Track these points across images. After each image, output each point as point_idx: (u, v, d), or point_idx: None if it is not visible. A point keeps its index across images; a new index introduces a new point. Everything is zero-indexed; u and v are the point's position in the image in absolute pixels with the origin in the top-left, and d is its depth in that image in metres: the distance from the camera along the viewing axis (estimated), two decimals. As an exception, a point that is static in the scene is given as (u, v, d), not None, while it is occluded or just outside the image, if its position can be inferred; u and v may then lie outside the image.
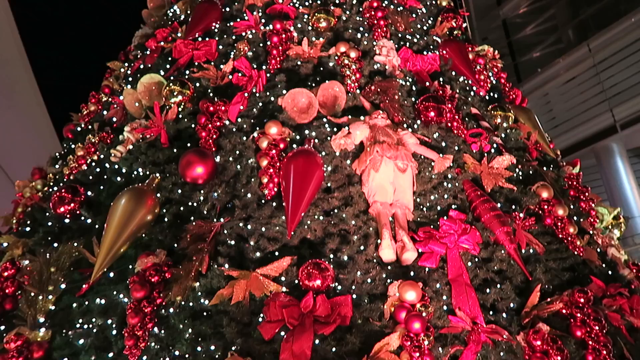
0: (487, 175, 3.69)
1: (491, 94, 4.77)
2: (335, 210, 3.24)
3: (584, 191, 4.36)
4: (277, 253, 3.02)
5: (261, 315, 2.73)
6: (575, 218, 3.98)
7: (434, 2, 5.44)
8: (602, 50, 14.81)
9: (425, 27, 4.95)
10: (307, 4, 4.60)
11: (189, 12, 4.89)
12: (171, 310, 2.85)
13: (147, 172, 3.55)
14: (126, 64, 5.12)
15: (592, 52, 15.06)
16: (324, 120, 3.69)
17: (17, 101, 12.27)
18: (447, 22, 4.99)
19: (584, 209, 4.25)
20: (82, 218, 3.57)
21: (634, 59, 14.16)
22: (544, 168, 4.29)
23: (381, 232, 3.11)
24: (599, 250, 3.90)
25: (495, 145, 3.99)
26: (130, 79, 4.71)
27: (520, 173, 3.96)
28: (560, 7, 17.11)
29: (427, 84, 4.22)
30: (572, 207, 4.08)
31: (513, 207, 3.62)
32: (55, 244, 3.36)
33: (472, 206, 3.46)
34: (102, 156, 3.98)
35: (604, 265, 3.76)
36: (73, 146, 4.48)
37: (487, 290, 3.06)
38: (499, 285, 3.11)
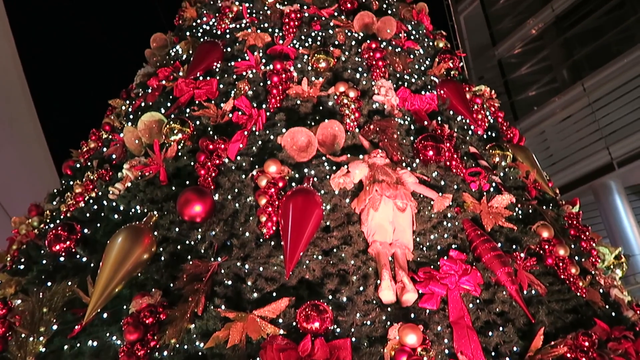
0: (487, 214, 3.67)
1: (489, 133, 4.81)
2: (334, 250, 3.21)
3: (584, 230, 4.33)
4: (274, 294, 2.96)
5: (258, 359, 2.65)
6: (576, 258, 3.94)
7: (431, 43, 5.56)
8: (597, 89, 15.08)
9: (422, 68, 5.04)
10: (307, 45, 4.70)
11: (190, 52, 4.98)
12: (165, 353, 2.77)
13: (145, 210, 3.53)
14: (127, 102, 5.18)
15: (587, 91, 15.33)
16: (323, 158, 3.70)
17: (18, 136, 12.34)
18: (445, 63, 5.08)
19: (585, 248, 4.22)
20: (78, 256, 3.52)
21: (628, 97, 14.41)
22: (544, 207, 4.28)
23: (381, 272, 3.07)
24: (601, 291, 3.85)
25: (494, 184, 3.99)
26: (131, 116, 4.76)
27: (519, 212, 3.94)
28: (554, 47, 17.53)
29: (426, 123, 4.26)
30: (572, 246, 4.05)
31: (514, 246, 3.58)
32: (49, 283, 3.30)
33: (473, 246, 3.42)
34: (100, 193, 3.96)
35: (607, 306, 3.70)
36: (71, 183, 4.47)
37: (490, 333, 2.99)
38: (501, 328, 3.04)
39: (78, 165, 4.79)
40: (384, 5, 5.64)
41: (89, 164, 4.60)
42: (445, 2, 22.21)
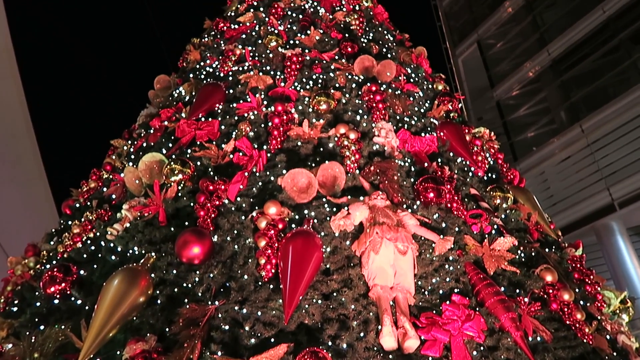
0: (489, 257, 3.62)
1: (489, 175, 4.81)
2: (335, 294, 3.15)
3: (588, 274, 4.27)
4: (273, 339, 2.88)
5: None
6: (581, 303, 3.86)
7: (430, 86, 5.65)
8: (595, 131, 15.22)
9: (422, 110, 5.09)
10: (308, 87, 4.77)
11: (193, 93, 5.05)
12: (158, 402, 2.67)
13: (143, 251, 3.49)
14: (129, 142, 5.21)
15: (585, 132, 15.46)
16: (324, 200, 3.69)
17: (20, 174, 12.40)
18: (444, 105, 5.15)
19: (590, 292, 4.14)
20: (73, 299, 3.46)
21: (627, 139, 14.51)
22: (546, 250, 4.23)
23: (382, 317, 3.00)
24: (608, 337, 3.75)
25: (495, 227, 3.95)
26: (132, 156, 4.78)
27: (522, 255, 3.89)
28: (551, 90, 17.81)
29: (426, 164, 4.26)
30: (577, 290, 3.97)
31: (517, 291, 3.51)
32: (42, 327, 3.22)
33: (475, 290, 3.36)
34: (98, 234, 3.93)
35: (614, 353, 3.60)
36: (70, 223, 4.44)
37: (495, 382, 2.90)
38: (507, 377, 2.94)
39: (77, 205, 4.78)
40: (384, 49, 5.77)
41: (88, 203, 4.59)
42: (444, 46, 22.77)
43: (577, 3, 17.11)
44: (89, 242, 3.94)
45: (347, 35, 5.58)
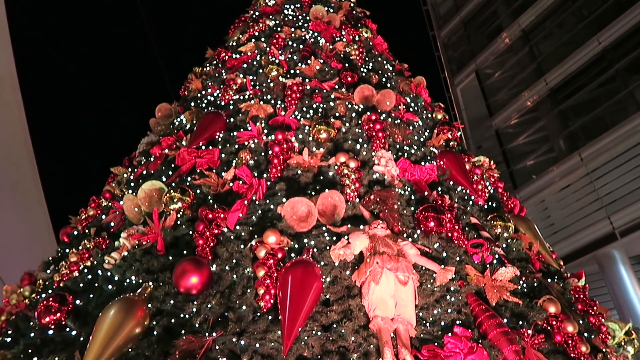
0: (491, 288, 3.57)
1: (490, 204, 4.80)
2: (334, 325, 3.09)
3: (592, 305, 4.19)
4: (271, 372, 2.82)
5: None
6: (585, 335, 3.79)
7: (429, 115, 5.69)
8: (594, 159, 15.29)
9: (422, 139, 5.11)
10: (308, 116, 4.80)
11: (194, 121, 5.08)
12: None
13: (140, 281, 3.44)
14: (129, 170, 5.22)
15: (584, 161, 15.53)
16: (324, 229, 3.66)
17: (19, 201, 12.39)
18: (443, 134, 5.17)
19: (594, 324, 4.07)
20: (67, 329, 3.39)
21: (626, 167, 14.56)
22: (549, 280, 4.18)
23: (383, 350, 2.93)
24: (614, 370, 3.67)
25: (497, 256, 3.91)
26: (132, 184, 4.77)
27: (524, 285, 3.84)
28: (550, 119, 17.97)
29: (426, 193, 4.26)
30: (581, 322, 3.91)
31: (520, 322, 3.45)
32: (36, 359, 3.15)
33: (478, 322, 3.30)
34: (95, 262, 3.89)
35: (621, 387, 3.51)
36: (67, 251, 4.40)
37: (499, 418, 2.81)
38: (511, 413, 2.86)
39: (76, 233, 4.74)
40: (384, 79, 5.84)
41: (86, 231, 4.56)
42: (442, 75, 23.11)
43: (573, 34, 17.45)
44: (85, 270, 3.89)
45: (347, 65, 5.65)
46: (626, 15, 15.65)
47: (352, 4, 7.46)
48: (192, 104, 5.55)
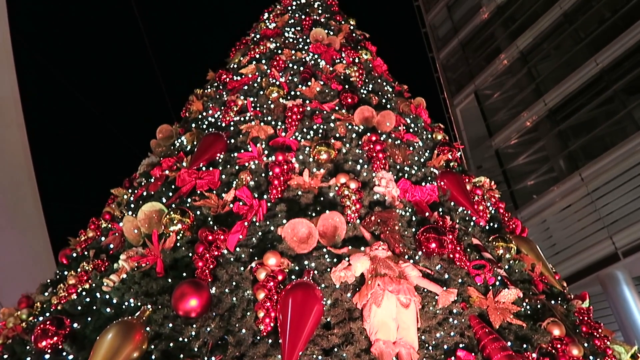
0: (494, 310, 3.52)
1: (491, 224, 4.77)
2: (335, 349, 3.04)
3: (597, 327, 4.14)
4: (271, 398, 2.76)
5: None
6: (591, 358, 3.72)
7: (429, 135, 5.71)
8: (594, 179, 15.27)
9: (422, 159, 5.12)
10: (308, 137, 4.81)
11: (195, 143, 5.10)
12: None
13: (139, 304, 3.40)
14: (130, 191, 5.21)
15: (585, 181, 15.51)
16: (324, 250, 3.63)
17: (19, 222, 12.35)
18: (444, 155, 5.18)
19: (599, 347, 4.00)
20: (64, 353, 3.33)
21: (627, 187, 14.53)
22: (552, 302, 4.13)
23: (385, 374, 2.88)
24: (621, 395, 3.59)
25: (499, 278, 3.87)
26: (132, 205, 4.76)
27: (528, 308, 3.79)
28: (549, 139, 18.02)
29: (427, 214, 4.23)
30: (586, 345, 3.84)
31: (524, 345, 3.39)
32: (31, 384, 3.09)
33: (481, 345, 3.25)
34: (94, 285, 3.85)
35: (628, 413, 3.43)
36: (66, 273, 4.37)
37: None
38: None
39: (75, 255, 4.71)
40: (383, 100, 5.87)
41: (85, 253, 4.52)
42: (442, 96, 23.29)
43: (571, 55, 17.63)
44: (84, 293, 3.85)
45: (347, 86, 5.70)
46: (623, 37, 15.83)
47: (351, 27, 7.56)
48: (193, 125, 5.57)
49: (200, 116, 5.75)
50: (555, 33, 18.74)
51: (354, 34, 7.36)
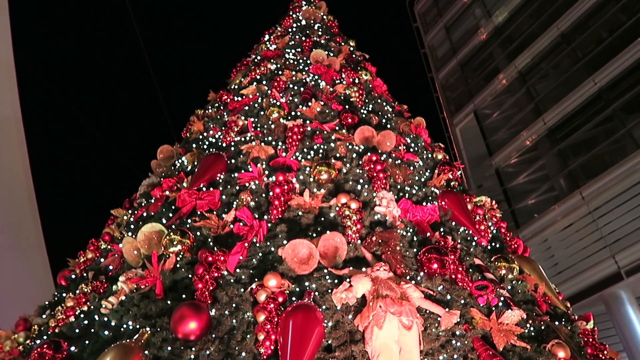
0: (498, 332, 3.47)
1: (493, 244, 4.74)
2: (337, 373, 2.99)
3: (602, 349, 4.07)
4: None
5: None
6: (597, 381, 3.66)
7: (430, 155, 5.71)
8: (595, 198, 15.23)
9: (423, 179, 5.11)
10: (309, 157, 4.82)
11: (196, 163, 5.10)
12: None
13: (138, 326, 3.35)
14: (130, 212, 5.19)
15: (586, 199, 15.47)
16: (325, 271, 3.60)
17: (18, 242, 12.29)
18: (444, 174, 5.17)
19: (605, 369, 3.94)
20: (61, 378, 3.28)
21: (628, 206, 14.48)
22: (556, 323, 4.07)
23: (387, 399, 2.82)
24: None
25: (502, 299, 3.83)
26: (132, 226, 4.74)
27: (531, 329, 3.74)
28: (549, 157, 18.05)
29: (428, 234, 4.21)
30: (592, 367, 3.78)
31: (529, 368, 3.34)
32: (26, 410, 3.03)
33: (485, 368, 3.19)
34: (92, 307, 3.80)
35: None
36: (64, 295, 4.32)
37: None
38: None
39: (73, 276, 4.67)
40: (384, 120, 5.90)
41: (84, 274, 4.49)
42: (442, 116, 23.43)
43: (569, 75, 17.77)
44: (82, 315, 3.81)
45: (347, 106, 5.73)
46: (620, 57, 15.98)
47: (351, 48, 7.64)
48: (194, 145, 5.58)
49: (201, 136, 5.77)
50: (553, 53, 18.93)
51: (353, 55, 7.43)
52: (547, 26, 18.94)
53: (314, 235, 3.87)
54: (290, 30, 7.82)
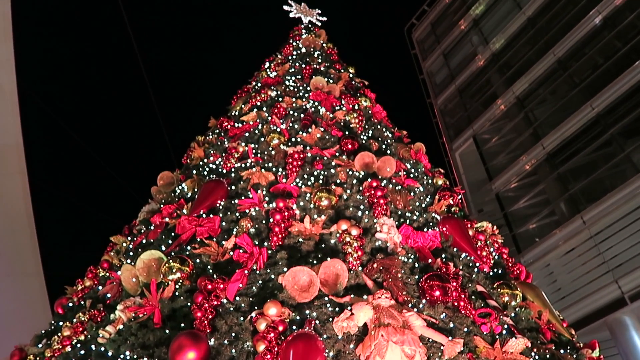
0: (502, 361, 3.41)
1: (495, 270, 4.69)
2: (338, 404, 2.91)
3: (608, 378, 3.99)
4: None
5: None
6: (605, 411, 3.57)
7: (430, 180, 5.72)
8: (597, 222, 15.18)
9: (423, 205, 5.10)
10: (309, 183, 4.82)
11: (196, 189, 5.09)
12: None
13: (135, 356, 3.29)
14: (129, 238, 5.16)
15: (587, 224, 15.42)
16: (326, 299, 3.55)
17: (16, 269, 12.19)
18: (445, 200, 5.16)
19: (613, 399, 3.85)
20: (56, 410, 3.20)
21: (629, 230, 14.41)
22: (561, 351, 3.99)
23: None
24: None
25: (506, 327, 3.76)
26: (131, 253, 4.70)
27: (536, 357, 3.67)
28: (549, 182, 18.06)
29: (430, 261, 4.17)
30: (599, 398, 3.70)
31: (535, 399, 3.26)
32: None
33: (490, 399, 3.12)
34: (89, 336, 3.74)
35: None
36: (61, 323, 4.25)
37: None
38: None
39: (70, 304, 4.61)
40: (383, 146, 5.92)
41: (82, 302, 4.43)
42: (441, 141, 23.56)
43: (567, 100, 17.95)
44: (78, 345, 3.74)
45: (347, 132, 5.76)
46: (616, 82, 16.18)
47: (351, 75, 7.74)
48: (194, 171, 5.59)
49: (201, 163, 5.79)
50: (550, 79, 19.17)
51: (353, 82, 7.52)
52: (543, 53, 19.25)
53: (315, 262, 3.83)
54: (290, 57, 7.93)
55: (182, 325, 3.44)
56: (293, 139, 5.56)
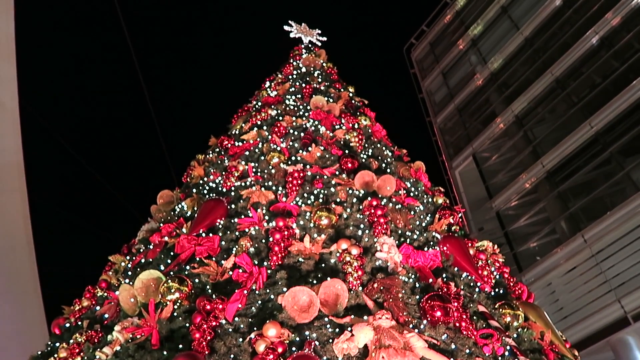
0: (505, 383, 3.35)
1: (496, 290, 4.65)
2: None
3: (613, 401, 3.93)
4: None
5: None
6: None
7: (430, 199, 5.70)
8: (598, 241, 15.12)
9: (424, 224, 5.08)
10: (309, 202, 4.80)
11: (196, 208, 5.08)
12: None
13: (132, 379, 3.24)
14: (128, 258, 5.13)
15: (588, 242, 15.35)
16: (326, 320, 3.51)
17: (14, 288, 12.09)
18: (445, 219, 5.14)
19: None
20: None
21: (631, 249, 14.34)
22: (565, 373, 3.94)
23: None
24: None
25: (508, 348, 3.72)
26: (129, 273, 4.66)
27: (540, 380, 3.62)
28: (549, 200, 18.04)
29: (431, 280, 4.14)
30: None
31: (539, 422, 3.20)
32: None
33: (493, 422, 3.06)
34: (86, 358, 3.69)
35: None
36: (57, 344, 4.20)
37: None
38: None
39: (68, 325, 4.56)
40: (383, 164, 5.92)
41: (79, 323, 4.38)
42: (440, 159, 23.60)
43: (565, 119, 18.04)
44: (75, 367, 3.69)
45: (347, 151, 5.77)
46: (615, 101, 16.29)
47: (350, 94, 7.79)
48: (194, 190, 5.58)
49: (201, 181, 5.78)
50: (548, 98, 19.31)
51: (353, 101, 7.56)
52: (541, 72, 19.43)
53: (315, 282, 3.80)
54: (290, 77, 8.00)
55: (180, 346, 3.39)
56: (293, 158, 5.56)
